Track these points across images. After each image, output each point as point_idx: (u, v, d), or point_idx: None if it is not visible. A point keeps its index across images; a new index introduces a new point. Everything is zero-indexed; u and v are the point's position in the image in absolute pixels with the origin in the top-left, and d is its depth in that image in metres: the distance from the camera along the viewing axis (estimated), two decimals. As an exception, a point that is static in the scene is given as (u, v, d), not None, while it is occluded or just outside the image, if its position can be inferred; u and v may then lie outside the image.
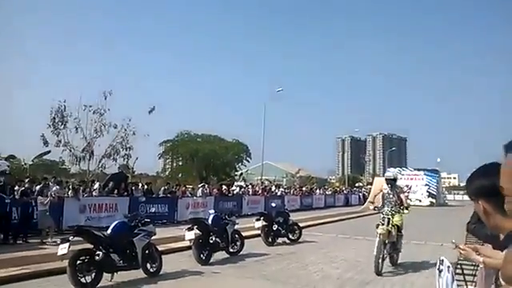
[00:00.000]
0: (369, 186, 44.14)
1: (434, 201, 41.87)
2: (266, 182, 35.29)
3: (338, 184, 57.91)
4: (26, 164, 27.27)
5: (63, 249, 7.02)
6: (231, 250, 10.26)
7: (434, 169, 47.06)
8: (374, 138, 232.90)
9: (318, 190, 36.03)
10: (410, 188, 43.41)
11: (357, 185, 56.07)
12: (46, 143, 26.43)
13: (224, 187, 24.14)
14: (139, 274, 7.69)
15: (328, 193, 36.66)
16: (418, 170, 45.40)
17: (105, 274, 7.14)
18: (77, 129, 24.98)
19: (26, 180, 13.50)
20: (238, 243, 10.51)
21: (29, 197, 12.11)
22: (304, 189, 34.14)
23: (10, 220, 11.38)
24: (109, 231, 7.57)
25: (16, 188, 12.52)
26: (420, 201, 41.74)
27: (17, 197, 11.95)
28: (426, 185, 43.09)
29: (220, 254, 9.91)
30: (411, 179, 44.10)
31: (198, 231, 9.46)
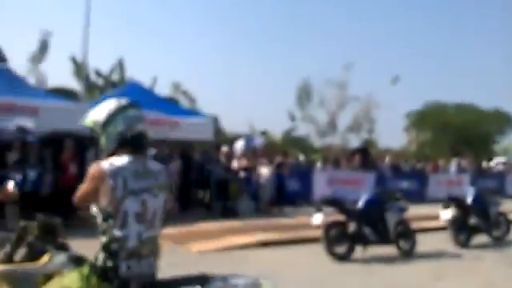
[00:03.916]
0: None
1: None
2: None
3: None
4: (276, 139, 30.54)
5: (317, 218, 7.73)
6: (495, 234, 9.48)
7: None
8: None
9: None
10: None
11: None
12: (292, 119, 29.13)
13: (484, 163, 22.33)
14: (391, 250, 7.86)
15: None
16: None
17: (357, 246, 7.58)
18: (321, 104, 26.73)
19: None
20: (503, 227, 9.63)
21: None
22: None
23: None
24: (359, 204, 7.94)
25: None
26: None
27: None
28: None
29: (481, 238, 9.28)
30: None
31: (455, 210, 9.07)
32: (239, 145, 14.93)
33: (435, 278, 6.64)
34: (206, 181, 12.27)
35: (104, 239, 2.38)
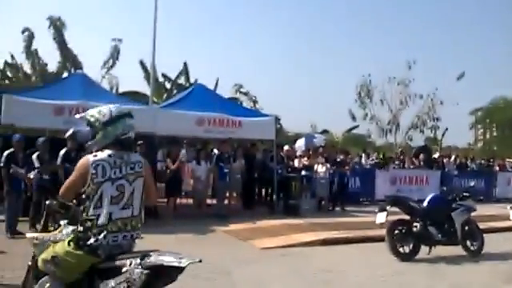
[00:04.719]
0: None
1: None
2: None
3: None
4: (337, 138, 30.17)
5: (381, 217, 7.59)
6: None
7: None
8: None
9: None
10: None
11: None
12: (353, 118, 28.64)
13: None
14: (458, 250, 7.57)
15: None
16: None
17: (422, 246, 7.35)
18: (382, 102, 26.09)
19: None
20: None
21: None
22: None
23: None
24: (425, 204, 7.70)
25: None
26: None
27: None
28: None
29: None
30: None
31: (526, 210, 8.61)
32: (300, 143, 14.90)
33: (504, 281, 6.34)
34: (269, 179, 12.35)
35: (83, 216, 2.95)
